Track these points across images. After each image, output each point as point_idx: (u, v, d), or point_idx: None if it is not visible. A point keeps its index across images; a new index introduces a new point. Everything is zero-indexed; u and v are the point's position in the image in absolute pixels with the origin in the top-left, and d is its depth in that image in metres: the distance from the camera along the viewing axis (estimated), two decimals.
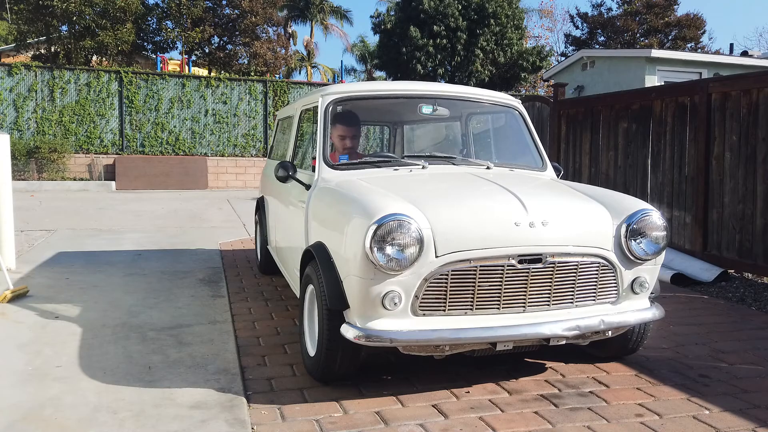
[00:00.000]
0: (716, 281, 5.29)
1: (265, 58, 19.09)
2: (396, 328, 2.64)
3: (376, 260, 2.57)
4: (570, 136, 7.83)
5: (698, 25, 29.07)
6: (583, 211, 2.96)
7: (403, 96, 4.02)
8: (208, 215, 9.74)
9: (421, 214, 2.68)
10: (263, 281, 5.14)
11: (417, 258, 2.60)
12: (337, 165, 3.50)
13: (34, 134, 14.57)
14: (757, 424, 2.61)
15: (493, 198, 2.92)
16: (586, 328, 2.78)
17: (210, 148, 15.87)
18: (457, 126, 4.42)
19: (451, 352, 2.75)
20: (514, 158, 3.99)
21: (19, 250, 6.11)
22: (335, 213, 3.02)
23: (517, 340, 2.75)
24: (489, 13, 18.71)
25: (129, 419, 2.58)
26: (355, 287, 2.65)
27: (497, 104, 4.10)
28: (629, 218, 2.90)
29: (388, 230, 2.58)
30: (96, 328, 3.82)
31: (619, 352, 3.31)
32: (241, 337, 3.67)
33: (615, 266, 2.88)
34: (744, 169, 5.31)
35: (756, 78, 5.32)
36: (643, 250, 2.91)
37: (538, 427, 2.56)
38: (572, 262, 2.79)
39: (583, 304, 2.87)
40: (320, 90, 3.80)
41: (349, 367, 2.90)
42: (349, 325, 2.68)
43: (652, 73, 15.41)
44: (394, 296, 2.62)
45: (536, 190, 3.20)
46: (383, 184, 3.15)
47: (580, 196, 3.14)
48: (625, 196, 3.22)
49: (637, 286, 2.95)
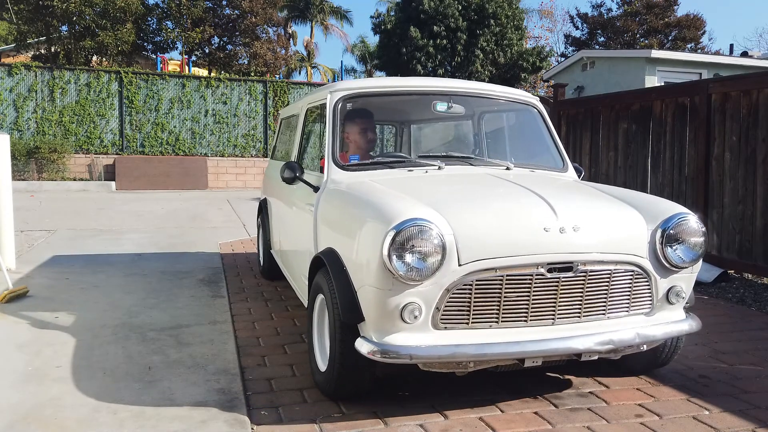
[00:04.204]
0: (716, 282, 5.29)
1: (265, 58, 19.09)
2: (416, 343, 2.43)
3: (394, 269, 2.36)
4: (570, 137, 7.83)
5: (698, 25, 29.08)
6: (616, 216, 2.75)
7: (417, 92, 3.79)
8: (208, 215, 9.74)
9: (443, 218, 2.47)
10: (263, 282, 5.14)
11: (439, 267, 2.40)
12: (347, 166, 3.28)
13: (34, 134, 14.58)
14: (757, 424, 2.61)
15: (519, 201, 2.70)
16: (620, 343, 2.58)
17: (210, 148, 15.88)
18: (469, 124, 4.16)
19: (475, 368, 2.56)
20: (532, 158, 3.77)
21: (19, 251, 6.10)
22: (348, 217, 2.82)
23: (546, 356, 2.53)
24: (489, 13, 18.71)
25: (129, 419, 2.58)
26: (372, 298, 2.44)
27: (515, 101, 3.88)
28: (665, 223, 2.71)
29: (407, 237, 2.37)
30: (96, 328, 3.82)
31: (649, 365, 3.12)
32: (241, 338, 3.67)
33: (650, 274, 2.69)
34: (744, 169, 5.31)
35: (756, 78, 5.32)
36: (679, 257, 2.71)
37: (538, 428, 2.56)
38: (605, 270, 2.60)
39: (615, 316, 2.67)
40: (328, 86, 3.59)
41: (365, 383, 2.72)
42: (365, 339, 2.48)
43: (652, 74, 15.41)
44: (413, 308, 2.41)
45: (564, 192, 2.96)
46: (398, 186, 2.95)
47: (611, 199, 2.93)
48: (660, 199, 3.01)
49: (672, 296, 2.76)
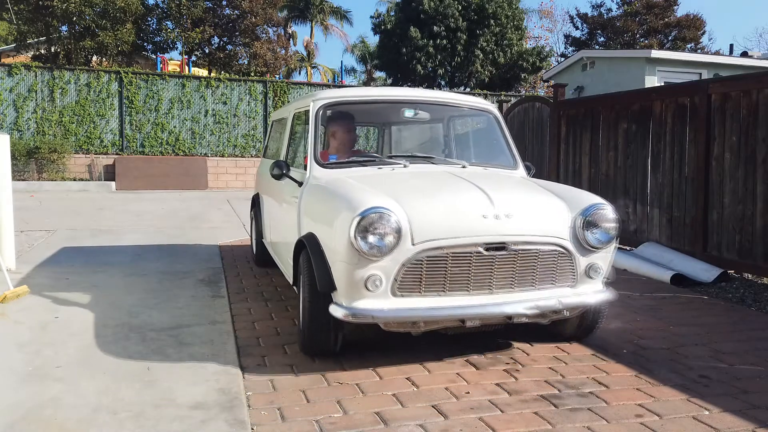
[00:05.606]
0: (716, 282, 5.29)
1: (265, 58, 19.08)
2: (378, 307, 2.95)
3: (359, 248, 2.88)
4: (570, 137, 7.83)
5: (698, 25, 29.05)
6: (544, 205, 3.29)
7: (387, 101, 4.46)
8: (208, 216, 9.74)
9: (400, 207, 3.00)
10: (263, 281, 5.14)
11: (395, 246, 2.92)
12: (326, 164, 3.83)
13: (34, 134, 14.57)
14: (757, 424, 2.61)
15: (463, 193, 3.22)
16: (545, 308, 3.10)
17: (210, 148, 15.88)
18: (439, 128, 4.76)
19: (426, 328, 3.09)
20: (489, 158, 4.34)
21: (19, 251, 6.10)
22: (325, 207, 3.35)
23: (483, 318, 3.07)
24: (489, 13, 18.72)
25: (129, 420, 2.58)
26: (342, 271, 2.97)
27: (474, 108, 4.48)
28: (585, 211, 3.23)
29: (370, 221, 2.89)
30: (96, 328, 3.82)
31: (576, 332, 3.63)
32: (241, 338, 3.67)
33: (572, 254, 3.20)
34: (744, 169, 5.32)
35: (756, 79, 5.32)
36: (597, 239, 3.23)
37: (538, 428, 2.56)
38: (533, 249, 3.11)
39: (542, 287, 3.18)
40: (312, 95, 4.14)
41: (333, 342, 3.24)
42: (337, 305, 3.00)
43: (652, 74, 15.40)
44: (375, 279, 2.93)
45: (504, 186, 3.47)
46: (367, 181, 3.48)
47: (543, 191, 3.47)
48: (582, 191, 3.53)
49: (591, 272, 3.26)
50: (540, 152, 8.66)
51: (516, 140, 9.20)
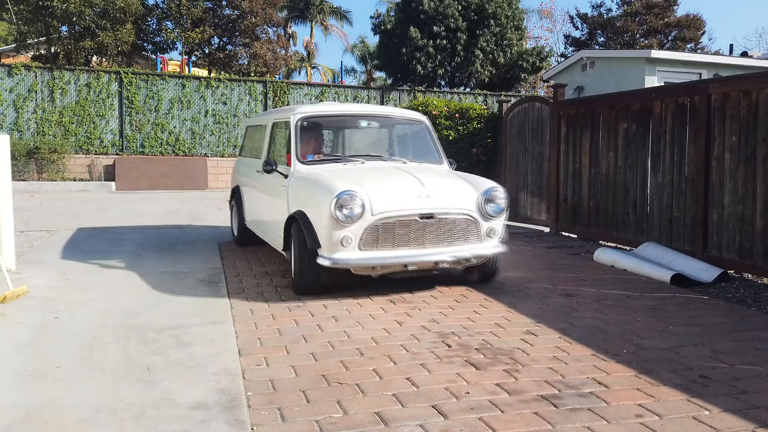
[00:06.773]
0: (716, 282, 5.29)
1: (264, 58, 19.09)
2: (349, 257, 4.42)
3: (337, 217, 4.31)
4: (570, 137, 7.83)
5: (698, 25, 29.03)
6: (458, 188, 4.82)
7: (347, 115, 6.11)
8: (208, 216, 9.74)
9: (363, 190, 4.42)
10: (263, 281, 5.14)
11: (361, 216, 4.36)
12: (305, 161, 5.18)
13: (34, 135, 14.57)
14: (757, 424, 2.61)
15: (404, 180, 4.70)
16: (460, 257, 4.63)
17: (210, 148, 15.88)
18: (386, 133, 6.18)
19: (381, 272, 4.57)
20: (422, 156, 5.70)
21: (19, 251, 6.11)
22: (310, 192, 4.73)
23: (419, 264, 4.55)
24: (489, 13, 18.71)
25: (129, 420, 2.58)
26: (325, 234, 4.40)
27: (411, 120, 5.98)
28: (485, 192, 4.77)
29: (344, 200, 4.32)
30: (96, 328, 3.82)
31: (482, 276, 5.10)
32: (241, 338, 3.67)
33: (477, 220, 4.71)
34: (744, 169, 5.32)
35: (756, 79, 5.32)
36: (493, 210, 4.76)
37: (538, 428, 2.56)
38: (451, 218, 4.62)
39: (458, 244, 4.67)
40: (290, 109, 5.56)
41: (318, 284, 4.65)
42: (322, 257, 4.44)
43: (652, 74, 15.39)
44: (347, 238, 4.38)
45: (432, 176, 4.92)
46: (337, 173, 4.86)
47: (458, 179, 5.01)
48: (484, 179, 5.07)
49: (491, 233, 4.78)
50: (540, 152, 8.66)
51: (516, 140, 9.25)
